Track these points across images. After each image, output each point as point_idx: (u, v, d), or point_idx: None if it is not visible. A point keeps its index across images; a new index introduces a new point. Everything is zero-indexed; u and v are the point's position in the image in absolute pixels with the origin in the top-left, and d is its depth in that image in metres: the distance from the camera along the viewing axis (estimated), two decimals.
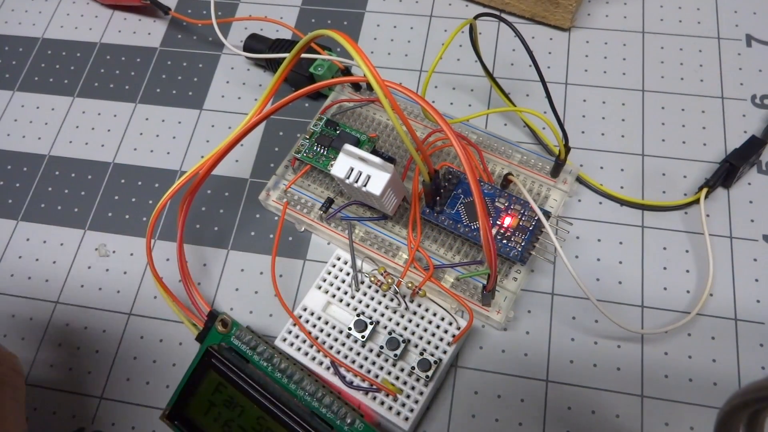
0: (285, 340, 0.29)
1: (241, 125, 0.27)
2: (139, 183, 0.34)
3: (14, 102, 0.38)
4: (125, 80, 0.38)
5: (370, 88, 0.34)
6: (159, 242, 0.33)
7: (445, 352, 0.27)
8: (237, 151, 0.33)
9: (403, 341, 0.27)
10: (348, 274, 0.30)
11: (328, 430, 0.25)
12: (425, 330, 0.28)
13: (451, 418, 0.28)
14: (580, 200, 0.32)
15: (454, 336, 0.27)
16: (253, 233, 0.32)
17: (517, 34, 0.26)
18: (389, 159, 0.31)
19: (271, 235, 0.32)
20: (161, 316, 0.31)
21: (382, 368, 0.27)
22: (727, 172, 0.30)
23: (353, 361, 0.28)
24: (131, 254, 0.32)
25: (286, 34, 0.38)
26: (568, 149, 0.29)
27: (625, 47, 0.35)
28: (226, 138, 0.27)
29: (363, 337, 0.28)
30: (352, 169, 0.27)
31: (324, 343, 0.28)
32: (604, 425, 0.27)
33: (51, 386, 0.30)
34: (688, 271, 0.30)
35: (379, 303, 0.29)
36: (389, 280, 0.28)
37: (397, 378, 0.27)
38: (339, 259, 0.30)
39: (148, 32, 0.39)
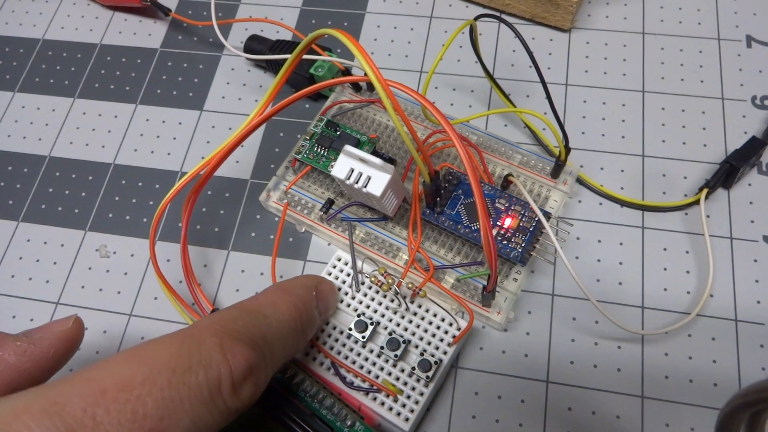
0: None
1: (244, 125, 0.27)
2: (140, 184, 0.34)
3: (15, 103, 0.38)
4: (126, 81, 0.38)
5: (370, 88, 0.34)
6: (159, 243, 0.33)
7: (445, 353, 0.27)
8: (237, 152, 0.33)
9: (404, 342, 0.27)
10: (348, 274, 0.30)
11: None
12: (425, 331, 0.28)
13: (451, 419, 0.28)
14: (580, 201, 0.32)
15: (454, 337, 0.27)
16: (253, 234, 0.32)
17: (518, 35, 0.26)
18: (389, 160, 0.31)
19: (272, 236, 0.32)
20: (162, 317, 0.31)
21: (382, 369, 0.27)
22: (727, 173, 0.31)
23: (353, 362, 0.28)
24: (132, 255, 0.32)
25: (287, 36, 0.38)
26: (568, 150, 0.29)
27: (625, 48, 0.35)
28: (229, 138, 0.27)
29: (363, 337, 0.28)
30: (352, 170, 0.27)
31: (324, 343, 0.28)
32: (604, 426, 0.27)
33: None
34: (688, 271, 0.30)
35: (380, 304, 0.29)
36: (389, 281, 0.28)
37: (398, 379, 0.27)
38: (339, 260, 0.30)
39: (149, 33, 0.39)
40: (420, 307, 0.28)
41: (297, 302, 0.24)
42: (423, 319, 0.28)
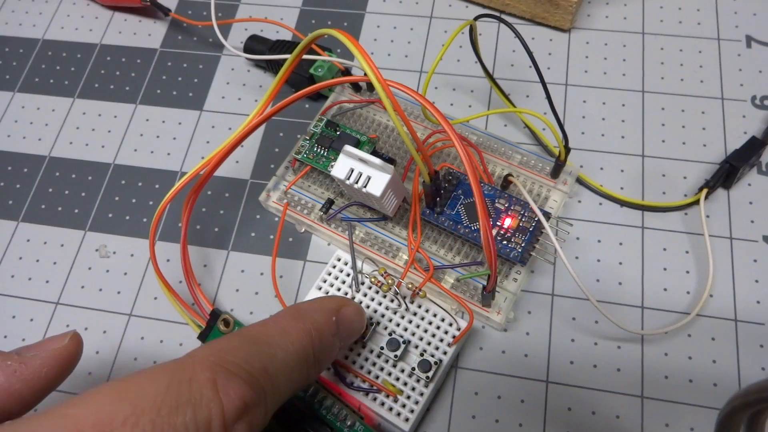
0: None
1: (243, 125, 0.27)
2: (140, 184, 0.34)
3: (15, 103, 0.38)
4: (125, 81, 0.38)
5: (370, 88, 0.34)
6: (159, 243, 0.33)
7: (445, 353, 0.27)
8: (237, 152, 0.33)
9: (404, 342, 0.27)
10: (348, 275, 0.30)
11: None
12: (425, 331, 0.28)
13: (451, 419, 0.28)
14: (580, 201, 0.32)
15: (454, 337, 0.27)
16: (253, 234, 0.32)
17: (517, 35, 0.26)
18: (389, 160, 0.31)
19: (272, 236, 0.32)
20: (162, 317, 0.31)
21: (382, 369, 0.27)
22: (727, 173, 0.31)
23: (353, 362, 0.28)
24: (131, 255, 0.32)
25: (287, 36, 0.38)
26: (568, 150, 0.29)
27: (625, 48, 0.35)
28: (229, 138, 0.27)
29: (363, 338, 0.28)
30: (352, 170, 0.27)
31: None
32: (604, 426, 0.27)
33: None
34: (688, 271, 0.30)
35: (380, 304, 0.29)
36: (389, 281, 0.28)
37: (398, 379, 0.27)
38: (339, 260, 0.30)
39: (149, 33, 0.39)
40: (420, 307, 0.28)
41: (310, 330, 0.23)
42: (423, 319, 0.28)
